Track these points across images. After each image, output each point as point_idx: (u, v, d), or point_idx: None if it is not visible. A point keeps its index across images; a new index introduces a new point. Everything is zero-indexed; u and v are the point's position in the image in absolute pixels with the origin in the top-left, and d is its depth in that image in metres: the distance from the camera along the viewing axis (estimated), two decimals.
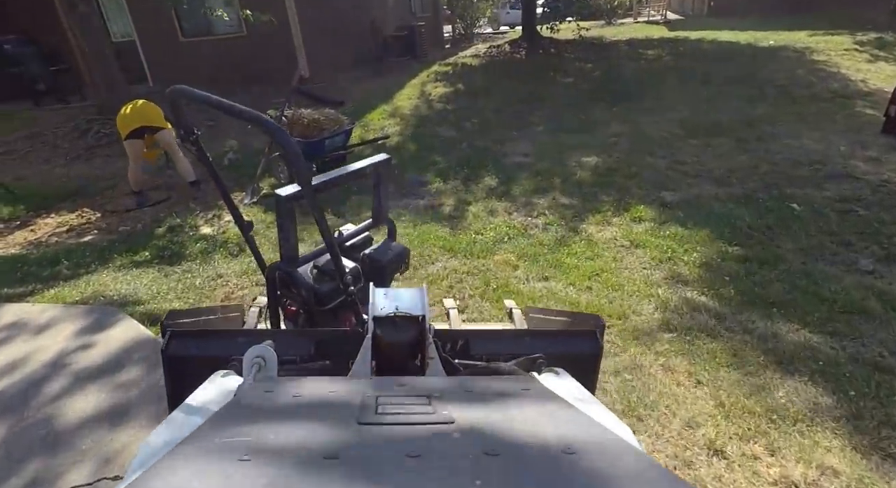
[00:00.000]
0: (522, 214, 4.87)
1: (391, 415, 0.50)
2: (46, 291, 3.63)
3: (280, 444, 0.43)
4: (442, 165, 6.32)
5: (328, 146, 5.64)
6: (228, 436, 0.44)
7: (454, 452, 0.42)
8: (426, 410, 0.52)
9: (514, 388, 0.61)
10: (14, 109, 11.22)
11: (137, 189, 5.70)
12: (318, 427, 0.47)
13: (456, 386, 0.61)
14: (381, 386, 0.61)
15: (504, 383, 0.68)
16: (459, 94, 9.31)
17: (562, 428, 0.49)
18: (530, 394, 0.60)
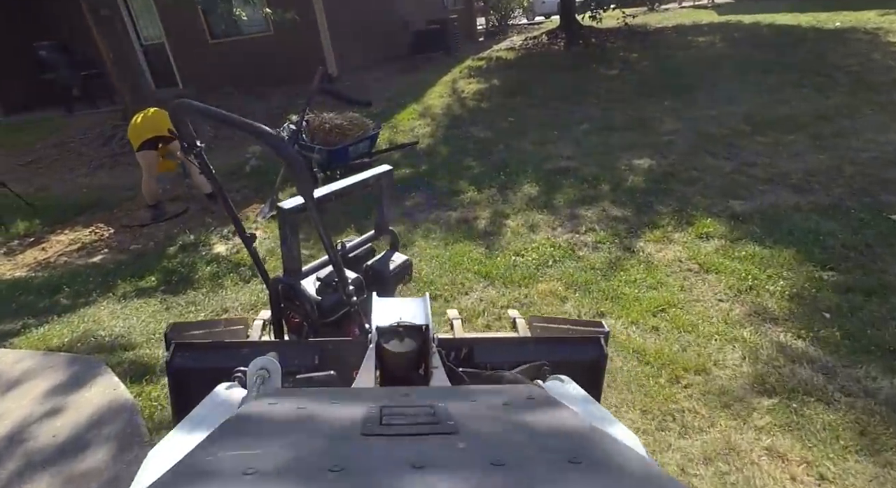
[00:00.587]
0: (568, 230, 4.28)
1: (396, 426, 0.49)
2: (35, 330, 3.28)
3: (284, 457, 0.42)
4: (476, 171, 5.76)
5: (352, 153, 5.18)
6: (232, 450, 0.44)
7: (459, 463, 0.42)
8: (431, 420, 0.50)
9: (519, 397, 0.60)
10: (48, 116, 11.26)
11: (153, 202, 5.38)
12: (322, 439, 0.47)
13: (460, 396, 0.60)
14: (386, 397, 0.60)
15: (509, 392, 0.64)
16: (494, 91, 8.71)
17: (567, 436, 0.48)
18: (535, 403, 0.58)
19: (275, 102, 9.56)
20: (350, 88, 9.83)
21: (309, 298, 1.46)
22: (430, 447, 0.45)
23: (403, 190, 5.45)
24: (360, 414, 0.52)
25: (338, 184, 1.52)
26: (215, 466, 0.41)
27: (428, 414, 0.52)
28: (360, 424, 0.49)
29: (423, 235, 4.41)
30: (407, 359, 0.90)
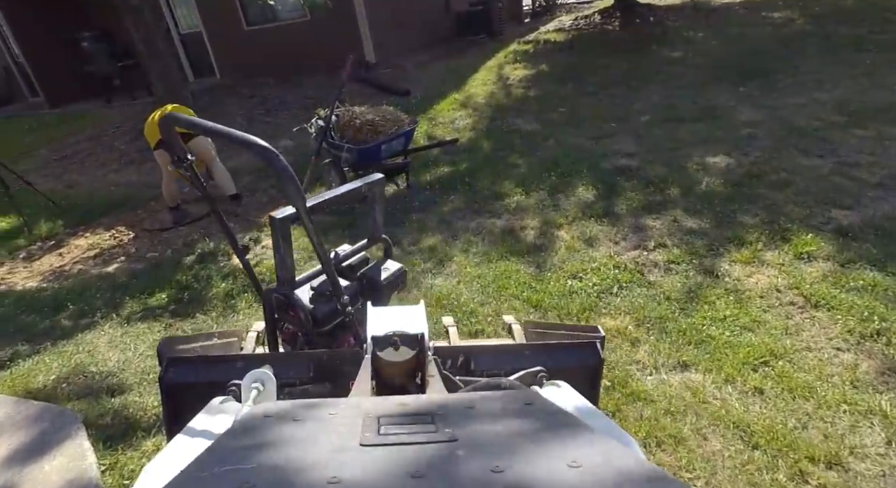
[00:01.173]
0: (633, 245, 3.62)
1: (393, 436, 0.49)
2: (23, 362, 2.95)
3: (282, 470, 0.42)
4: (523, 170, 5.14)
5: (385, 151, 4.65)
6: (229, 465, 0.43)
7: (459, 471, 0.42)
8: (429, 429, 0.51)
9: (517, 403, 0.60)
10: (89, 108, 11.26)
11: (173, 204, 5.03)
12: (319, 450, 0.46)
13: (458, 404, 0.59)
14: (383, 407, 0.59)
15: (506, 398, 0.63)
16: (543, 77, 7.98)
17: (566, 441, 0.48)
18: (533, 409, 0.58)
19: (310, 91, 9.14)
20: (387, 76, 9.30)
21: (303, 308, 1.43)
22: (429, 456, 0.44)
23: (441, 192, 4.89)
24: (357, 424, 0.52)
25: (329, 194, 1.50)
26: (212, 481, 0.41)
27: (426, 423, 0.52)
28: (359, 435, 0.49)
29: (462, 248, 3.85)
30: (403, 369, 0.88)
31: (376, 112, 4.73)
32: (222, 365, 1.06)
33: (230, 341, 1.50)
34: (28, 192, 5.78)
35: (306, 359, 1.08)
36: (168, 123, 1.25)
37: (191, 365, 1.09)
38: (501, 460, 0.43)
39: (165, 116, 1.25)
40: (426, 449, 0.46)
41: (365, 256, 1.67)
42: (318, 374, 1.05)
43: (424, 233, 4.17)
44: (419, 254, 3.86)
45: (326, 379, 1.05)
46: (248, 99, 9.29)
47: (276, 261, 1.43)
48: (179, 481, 0.41)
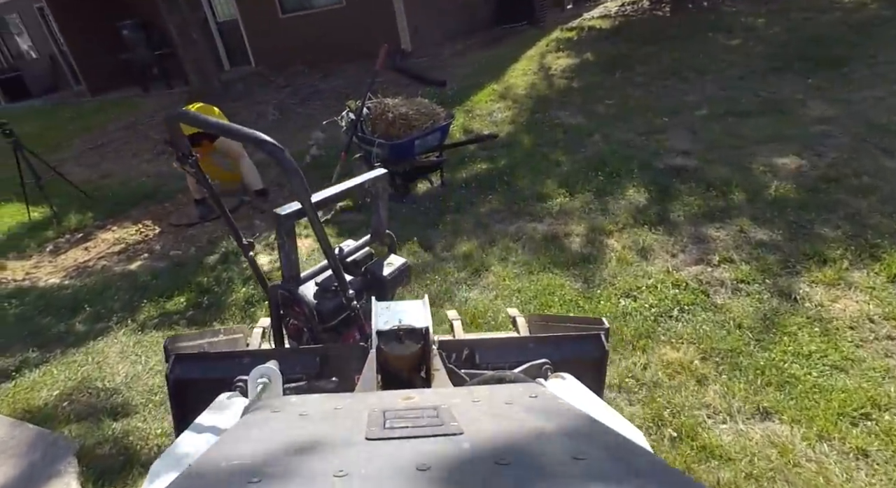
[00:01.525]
0: (694, 258, 3.23)
1: (399, 429, 0.49)
2: (29, 373, 2.79)
3: (288, 464, 0.42)
4: (566, 168, 4.75)
5: (419, 147, 4.34)
6: (236, 460, 0.43)
7: (464, 463, 0.42)
8: (434, 422, 0.50)
9: (522, 396, 0.60)
10: (127, 96, 11.32)
11: (199, 196, 4.86)
12: (326, 445, 0.46)
13: (463, 397, 0.59)
14: (388, 401, 0.58)
15: (511, 391, 0.62)
16: (588, 67, 7.50)
17: (571, 433, 0.48)
18: (538, 401, 0.58)
19: (343, 81, 8.90)
20: (423, 66, 8.96)
21: (308, 304, 1.44)
22: (434, 449, 0.45)
23: (478, 191, 4.56)
24: (363, 418, 0.52)
25: (333, 189, 1.49)
26: (220, 475, 0.41)
27: (431, 416, 0.52)
28: (364, 429, 0.49)
29: (500, 256, 3.52)
30: (408, 363, 0.88)
31: (410, 105, 4.42)
32: (228, 361, 1.06)
33: (236, 337, 1.47)
34: (62, 182, 5.73)
35: (312, 355, 1.07)
36: (174, 121, 1.23)
37: (197, 361, 1.09)
38: (506, 453, 0.43)
39: (171, 115, 1.23)
40: (432, 443, 0.46)
41: (369, 251, 1.66)
42: (323, 369, 1.05)
43: (459, 237, 3.86)
44: (453, 261, 3.55)
45: (332, 373, 1.04)
46: (282, 88, 9.12)
47: (281, 257, 1.44)
48: (188, 475, 0.41)
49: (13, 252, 4.86)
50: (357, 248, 1.64)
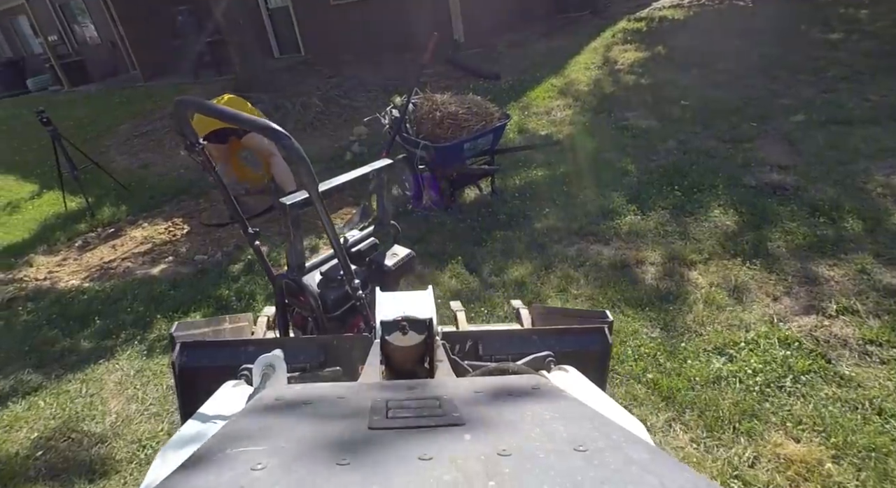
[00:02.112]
0: (803, 305, 2.60)
1: (402, 419, 0.49)
2: (16, 404, 2.47)
3: (292, 452, 0.43)
4: (636, 179, 4.14)
5: (468, 151, 3.83)
6: (240, 447, 0.44)
7: (466, 453, 0.42)
8: (437, 413, 0.50)
9: (524, 387, 0.60)
10: (177, 82, 11.30)
11: None
12: (329, 433, 0.46)
13: (466, 388, 0.60)
14: (391, 391, 0.58)
15: (514, 382, 0.63)
16: (659, 62, 6.76)
17: (573, 425, 0.48)
18: (540, 393, 0.58)
19: (391, 72, 8.46)
20: (476, 57, 8.41)
21: (313, 294, 1.43)
22: (436, 439, 0.45)
23: (533, 202, 4.02)
24: (366, 408, 0.52)
25: (338, 179, 1.48)
26: (224, 462, 0.41)
27: (434, 406, 0.52)
28: (367, 418, 0.49)
29: (558, 286, 2.99)
30: (412, 353, 0.89)
31: (461, 103, 3.91)
32: (233, 349, 1.06)
33: (241, 326, 1.47)
34: (103, 171, 5.56)
35: (316, 344, 1.08)
36: (180, 107, 1.22)
37: (203, 349, 1.09)
38: (508, 443, 0.43)
39: (179, 101, 1.21)
40: (434, 433, 0.46)
41: (374, 242, 1.64)
42: (328, 359, 1.05)
43: (510, 259, 3.34)
44: (502, 289, 3.05)
45: (336, 363, 1.04)
46: (328, 78, 8.77)
47: (287, 247, 1.46)
48: (193, 461, 0.41)
49: (44, 245, 4.69)
50: (362, 239, 1.63)
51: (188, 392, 1.04)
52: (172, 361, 1.05)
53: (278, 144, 1.10)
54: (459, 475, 0.38)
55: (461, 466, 0.39)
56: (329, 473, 0.39)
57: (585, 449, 0.42)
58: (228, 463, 0.41)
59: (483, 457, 0.41)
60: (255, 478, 0.38)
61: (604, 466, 0.39)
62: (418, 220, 4.03)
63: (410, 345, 0.87)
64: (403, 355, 0.88)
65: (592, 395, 0.78)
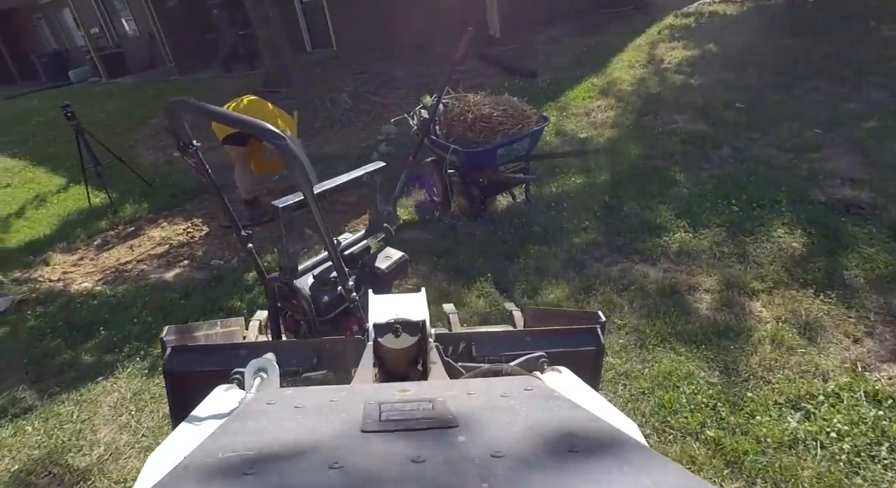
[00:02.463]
0: (890, 350, 2.22)
1: (394, 422, 0.49)
2: (5, 426, 2.28)
3: (284, 456, 0.43)
4: (686, 190, 3.76)
5: (502, 157, 3.52)
6: (232, 451, 0.44)
7: (459, 455, 0.42)
8: (430, 415, 0.51)
9: (517, 389, 0.60)
10: (208, 76, 11.28)
11: (249, 196, 4.35)
12: (321, 437, 0.47)
13: (459, 390, 0.60)
14: (384, 393, 0.59)
15: (507, 384, 0.63)
16: (711, 61, 6.28)
17: (566, 426, 0.48)
18: (533, 394, 0.58)
19: (424, 68, 8.18)
20: (512, 53, 8.05)
21: (306, 297, 1.43)
22: (429, 441, 0.45)
23: (571, 213, 3.69)
24: (359, 411, 0.52)
25: (331, 182, 1.47)
26: (216, 467, 0.41)
27: (427, 408, 0.52)
28: (360, 421, 0.49)
29: (605, 305, 2.66)
30: (405, 356, 0.89)
31: (495, 104, 3.60)
32: (226, 353, 1.05)
33: (233, 330, 1.42)
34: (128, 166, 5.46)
35: (309, 347, 1.07)
36: (175, 108, 1.21)
37: (195, 353, 1.08)
38: (501, 445, 0.43)
39: (173, 102, 1.21)
40: (427, 435, 0.46)
41: (367, 245, 1.65)
42: (320, 362, 1.05)
43: (545, 278, 3.03)
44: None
45: (329, 366, 1.04)
46: (359, 74, 8.55)
47: (279, 249, 1.59)
48: (184, 467, 0.41)
49: (63, 242, 4.59)
50: (354, 242, 1.63)
51: (179, 396, 1.02)
52: (163, 365, 1.04)
53: (273, 145, 1.07)
54: (453, 477, 0.38)
55: (454, 468, 0.39)
56: (322, 477, 0.39)
57: (578, 450, 0.42)
58: (219, 469, 0.40)
59: (476, 459, 0.41)
60: (246, 483, 0.38)
61: (597, 467, 0.39)
62: (445, 230, 3.74)
63: (403, 347, 0.87)
64: (396, 357, 0.88)
65: (586, 396, 0.78)
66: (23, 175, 7.08)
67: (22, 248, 4.59)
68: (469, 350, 1.07)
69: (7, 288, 3.76)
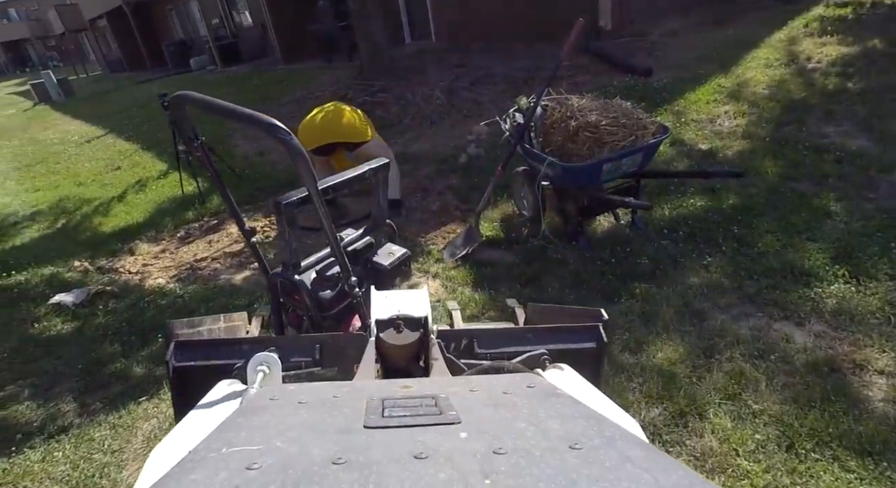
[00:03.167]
0: None
1: (397, 418, 0.49)
2: (37, 447, 2.13)
3: (287, 452, 0.43)
4: (844, 225, 2.98)
5: (608, 173, 2.96)
6: (235, 446, 0.44)
7: (462, 452, 0.42)
8: (432, 412, 0.51)
9: (520, 386, 0.60)
10: (309, 67, 11.45)
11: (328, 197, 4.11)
12: (324, 432, 0.47)
13: (461, 387, 0.60)
14: (386, 390, 0.59)
15: (509, 381, 0.63)
16: (875, 61, 5.17)
17: (568, 423, 0.49)
18: (535, 392, 0.58)
19: (523, 62, 7.63)
20: (624, 47, 7.26)
21: (308, 292, 1.45)
22: (432, 437, 0.45)
23: (689, 245, 3.05)
24: (362, 407, 0.52)
25: (336, 178, 1.49)
26: (219, 462, 0.41)
27: (429, 405, 0.52)
28: (363, 417, 0.49)
29: (726, 391, 2.06)
30: (407, 351, 0.89)
31: (604, 110, 3.03)
32: (229, 347, 1.06)
33: (236, 325, 1.47)
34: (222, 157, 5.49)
35: (311, 343, 1.07)
36: (179, 102, 1.22)
37: (198, 348, 1.08)
38: (503, 442, 0.43)
39: (176, 96, 1.21)
40: (429, 431, 0.46)
41: (369, 241, 1.65)
42: (323, 357, 1.05)
43: (652, 329, 2.45)
44: (638, 379, 2.18)
45: (331, 362, 1.04)
46: (455, 67, 8.17)
47: (281, 245, 1.57)
48: (187, 462, 0.41)
49: (152, 231, 4.66)
50: (357, 238, 1.64)
51: (182, 391, 1.03)
52: (166, 359, 1.04)
53: (276, 141, 1.08)
54: (455, 473, 0.38)
55: (457, 464, 0.40)
56: (325, 472, 0.39)
57: (580, 447, 0.42)
58: (223, 462, 0.41)
59: (479, 456, 0.41)
60: (250, 478, 0.38)
61: (598, 464, 0.39)
62: (533, 252, 3.25)
63: (405, 343, 0.89)
64: (398, 353, 0.90)
65: (587, 393, 0.79)
66: (132, 158, 7.48)
67: (114, 234, 4.71)
68: (471, 346, 1.07)
69: (90, 277, 3.80)
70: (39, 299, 3.48)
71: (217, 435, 0.47)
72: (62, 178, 7.26)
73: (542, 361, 0.96)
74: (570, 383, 0.83)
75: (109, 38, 25.83)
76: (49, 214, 5.69)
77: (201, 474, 0.39)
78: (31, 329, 3.10)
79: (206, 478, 0.38)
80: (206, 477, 0.38)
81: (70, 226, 5.26)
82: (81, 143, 9.36)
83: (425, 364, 0.89)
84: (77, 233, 5.00)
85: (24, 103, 18.17)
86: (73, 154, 8.65)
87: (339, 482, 0.37)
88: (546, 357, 0.97)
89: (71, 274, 3.88)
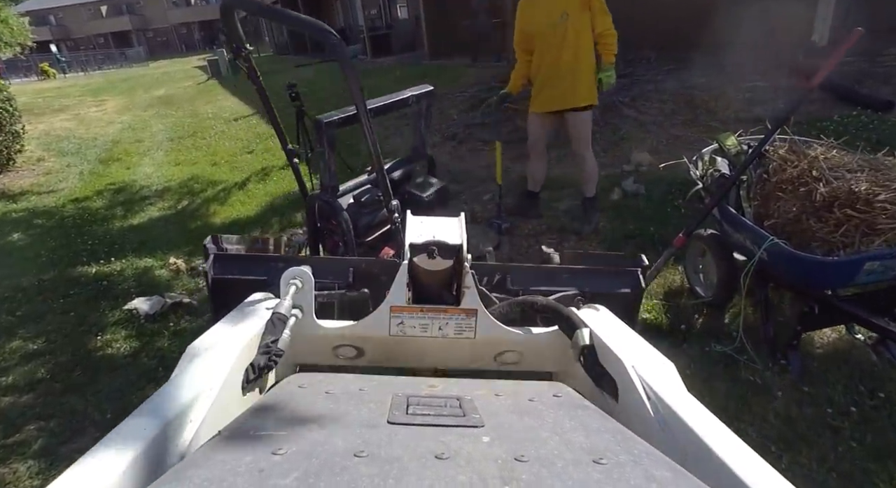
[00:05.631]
0: None
1: (421, 416, 0.49)
2: None
3: (312, 440, 0.43)
4: None
5: (870, 273, 1.85)
6: (263, 430, 0.45)
7: (483, 456, 0.42)
8: (456, 413, 0.51)
9: (546, 394, 0.60)
10: (453, 64, 10.94)
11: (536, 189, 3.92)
12: (349, 424, 0.47)
13: (487, 390, 0.61)
14: (412, 386, 0.60)
15: (535, 389, 0.64)
16: None
17: (593, 436, 0.47)
18: (562, 401, 0.58)
19: (700, 78, 6.33)
20: (848, 72, 5.64)
21: (345, 217, 1.46)
22: (454, 438, 0.44)
23: None
24: (387, 402, 0.52)
25: (380, 100, 1.47)
26: (248, 443, 0.42)
27: (454, 406, 0.52)
28: (387, 412, 0.49)
29: None
30: (439, 277, 0.87)
31: (875, 172, 1.92)
32: (265, 263, 1.07)
33: (272, 247, 1.42)
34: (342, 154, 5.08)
35: (345, 265, 1.07)
36: (230, 7, 1.23)
37: (235, 261, 1.10)
38: (526, 450, 0.42)
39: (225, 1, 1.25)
40: (452, 432, 0.45)
41: (408, 171, 1.71)
42: (356, 280, 1.04)
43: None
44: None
45: (364, 286, 1.03)
46: (618, 77, 7.07)
47: (321, 166, 1.57)
48: (218, 441, 0.43)
49: (257, 230, 4.33)
50: (395, 167, 1.67)
51: (219, 300, 1.03)
52: (205, 271, 1.05)
53: (329, 48, 1.11)
54: (475, 476, 0.38)
55: (477, 468, 0.39)
56: (346, 463, 0.39)
57: (605, 462, 0.41)
58: (250, 445, 0.42)
59: (500, 461, 0.40)
60: (274, 463, 0.39)
61: (623, 481, 0.38)
62: (711, 361, 2.22)
63: (438, 269, 0.87)
64: (430, 279, 0.89)
65: (624, 334, 0.78)
66: (266, 143, 7.45)
67: (222, 228, 4.45)
68: (504, 281, 1.04)
69: (179, 280, 3.47)
70: (120, 298, 3.20)
71: (247, 418, 0.48)
72: (202, 155, 7.44)
73: (576, 301, 0.95)
74: (606, 324, 0.83)
75: None
76: (175, 193, 5.69)
77: (229, 454, 0.40)
78: (91, 342, 2.77)
79: (234, 459, 0.39)
80: (234, 458, 0.40)
81: (188, 209, 5.16)
82: (230, 121, 9.72)
83: (457, 292, 0.86)
84: (190, 219, 4.84)
85: (201, 77, 20.07)
86: (220, 131, 8.96)
87: (360, 474, 0.37)
88: (580, 298, 0.96)
89: (163, 272, 3.60)
